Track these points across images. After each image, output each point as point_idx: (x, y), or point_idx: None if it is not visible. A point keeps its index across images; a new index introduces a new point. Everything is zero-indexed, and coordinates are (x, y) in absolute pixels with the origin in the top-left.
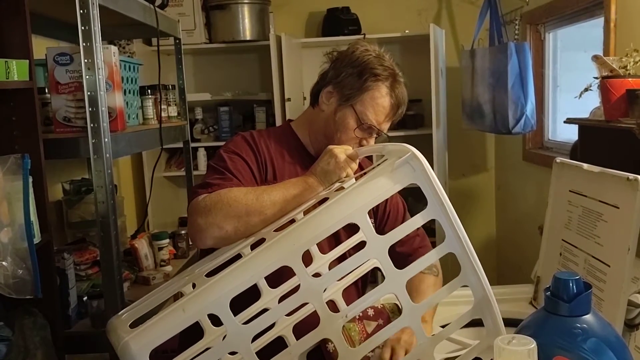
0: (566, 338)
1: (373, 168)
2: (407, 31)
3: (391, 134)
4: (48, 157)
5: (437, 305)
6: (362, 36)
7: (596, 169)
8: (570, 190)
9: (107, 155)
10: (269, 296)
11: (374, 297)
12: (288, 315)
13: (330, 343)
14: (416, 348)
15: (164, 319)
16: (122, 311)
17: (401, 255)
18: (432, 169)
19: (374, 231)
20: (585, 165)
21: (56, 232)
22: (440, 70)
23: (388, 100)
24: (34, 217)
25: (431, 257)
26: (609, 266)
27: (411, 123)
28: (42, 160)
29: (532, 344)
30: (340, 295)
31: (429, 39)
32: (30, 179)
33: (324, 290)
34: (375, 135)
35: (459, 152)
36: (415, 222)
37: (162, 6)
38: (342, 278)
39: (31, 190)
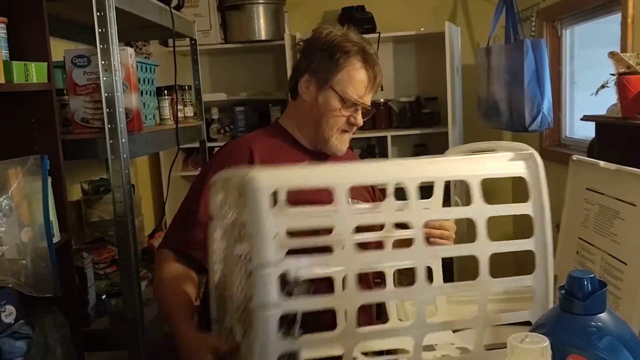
0: (581, 337)
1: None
2: (422, 29)
3: (407, 132)
4: (67, 157)
5: None
6: (377, 34)
7: (613, 166)
8: (587, 188)
9: (125, 155)
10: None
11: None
12: None
13: None
14: None
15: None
16: None
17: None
18: None
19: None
20: (602, 163)
21: (75, 232)
22: (456, 68)
23: (364, 72)
24: (53, 217)
25: (512, 247)
26: (626, 264)
27: (427, 121)
28: (61, 161)
29: (546, 342)
30: None
31: (444, 36)
32: (50, 180)
33: None
34: (361, 110)
35: None
36: (512, 209)
37: (178, 7)
38: None
39: (50, 190)
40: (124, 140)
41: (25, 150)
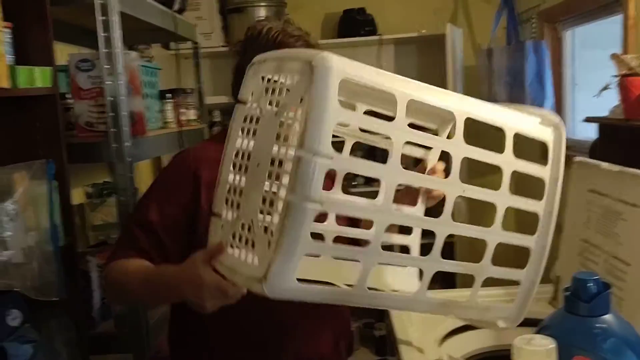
0: (586, 338)
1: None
2: (423, 31)
3: None
4: (71, 161)
5: None
6: (378, 37)
7: (616, 167)
8: (589, 190)
9: (129, 159)
10: None
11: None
12: None
13: None
14: None
15: None
16: None
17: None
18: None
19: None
20: (605, 164)
21: (79, 235)
22: (458, 69)
23: None
24: (58, 220)
25: (521, 205)
26: (629, 265)
27: None
28: (66, 165)
29: (552, 344)
30: None
31: (445, 38)
32: (55, 184)
33: None
34: None
35: None
36: (534, 169)
37: (180, 11)
38: None
39: (56, 194)
40: (128, 143)
41: (30, 155)
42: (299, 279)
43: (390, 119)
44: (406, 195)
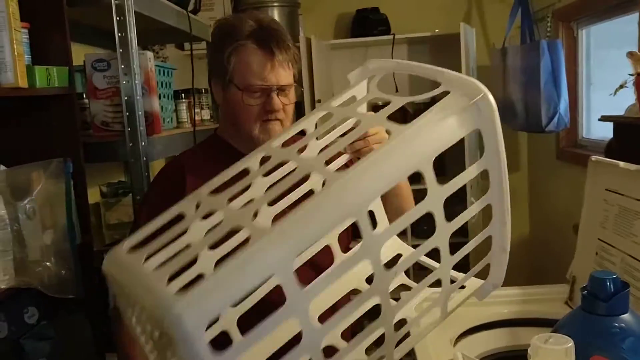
0: (604, 338)
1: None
2: (437, 30)
3: None
4: (87, 160)
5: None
6: (392, 36)
7: (633, 167)
8: (606, 189)
9: (144, 158)
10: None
11: (423, 251)
12: None
13: None
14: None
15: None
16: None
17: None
18: (465, 168)
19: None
20: (622, 164)
21: (94, 234)
22: (471, 69)
23: (260, 53)
24: (75, 219)
25: (473, 210)
26: None
27: None
28: (82, 164)
29: (570, 343)
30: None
31: (459, 38)
32: (71, 182)
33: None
34: (276, 91)
35: None
36: (470, 173)
37: (195, 11)
38: None
39: (72, 193)
40: (143, 143)
41: (47, 154)
42: None
43: None
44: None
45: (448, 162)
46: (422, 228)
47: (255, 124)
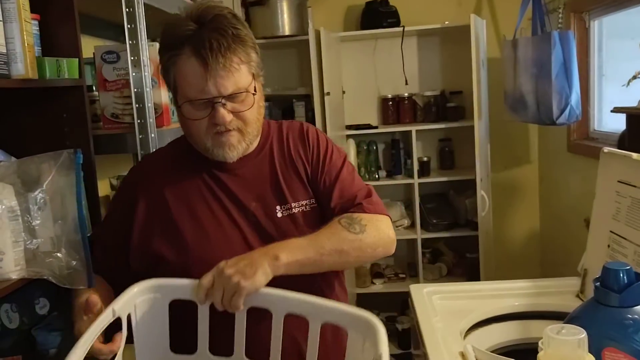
0: (617, 329)
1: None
2: (447, 22)
3: (432, 126)
4: (97, 152)
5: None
6: (401, 28)
7: None
8: (618, 181)
9: (154, 150)
10: None
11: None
12: None
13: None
14: None
15: None
16: None
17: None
18: (475, 161)
19: None
20: (635, 155)
21: None
22: (482, 61)
23: (195, 63)
24: (85, 210)
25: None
26: None
27: (452, 115)
28: (92, 156)
29: (583, 334)
30: None
31: (469, 29)
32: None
33: None
34: (221, 102)
35: (502, 144)
36: None
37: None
38: None
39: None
40: (153, 135)
41: (58, 145)
42: None
43: None
44: None
45: (457, 156)
46: (432, 221)
47: (206, 137)
